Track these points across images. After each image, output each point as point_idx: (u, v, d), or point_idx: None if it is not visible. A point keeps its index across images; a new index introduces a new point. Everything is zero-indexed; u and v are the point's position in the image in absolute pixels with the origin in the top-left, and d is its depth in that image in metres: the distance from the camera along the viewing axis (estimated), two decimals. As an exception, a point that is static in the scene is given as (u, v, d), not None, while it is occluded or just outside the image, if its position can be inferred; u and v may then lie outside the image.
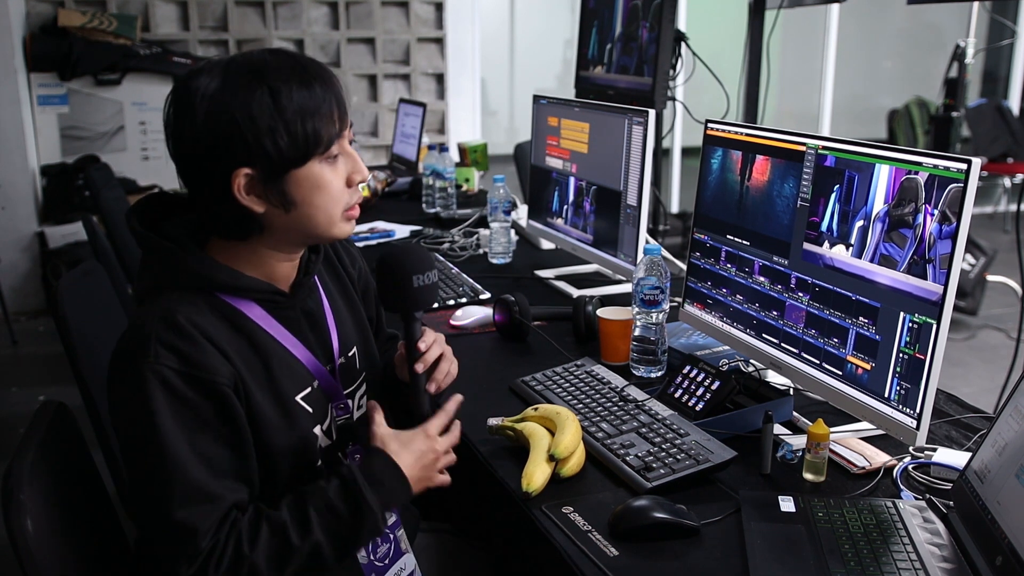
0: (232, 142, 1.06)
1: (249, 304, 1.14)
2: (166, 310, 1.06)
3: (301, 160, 1.09)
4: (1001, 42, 7.14)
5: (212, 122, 1.05)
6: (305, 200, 1.11)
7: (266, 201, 1.10)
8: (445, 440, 1.22)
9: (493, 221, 2.48)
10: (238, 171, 1.07)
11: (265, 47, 1.16)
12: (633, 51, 2.66)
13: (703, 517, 1.19)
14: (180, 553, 1.02)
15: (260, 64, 1.08)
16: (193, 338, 1.05)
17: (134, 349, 1.04)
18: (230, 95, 1.05)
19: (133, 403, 1.03)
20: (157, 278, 1.11)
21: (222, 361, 1.07)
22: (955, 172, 1.17)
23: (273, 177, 1.09)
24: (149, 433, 1.02)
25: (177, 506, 1.02)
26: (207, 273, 1.11)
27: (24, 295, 4.60)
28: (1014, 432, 1.08)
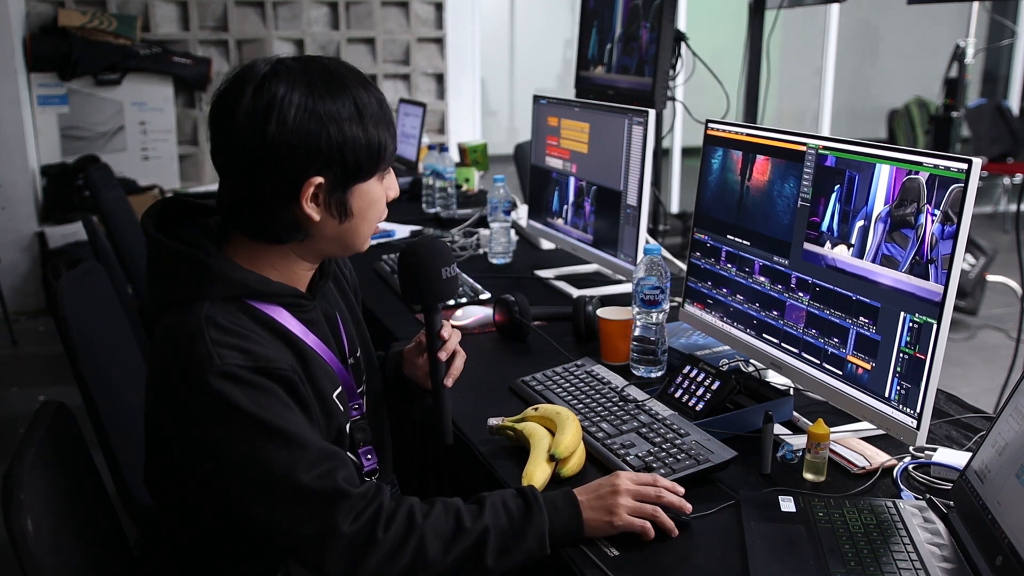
0: (317, 150, 1.07)
1: (276, 308, 1.14)
2: (207, 317, 1.05)
3: (370, 173, 1.13)
4: (1001, 42, 7.14)
5: (302, 128, 1.06)
6: (360, 213, 1.14)
7: (325, 210, 1.12)
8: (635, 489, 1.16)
9: (493, 221, 2.48)
10: (312, 179, 1.08)
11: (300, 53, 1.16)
12: (634, 51, 2.66)
13: (703, 517, 1.19)
14: (336, 513, 1.02)
15: (337, 71, 1.10)
16: (246, 335, 1.06)
17: (194, 360, 1.02)
18: (321, 103, 1.07)
19: (214, 410, 1.02)
20: (185, 289, 1.09)
21: (279, 352, 1.09)
22: (955, 172, 1.17)
23: (341, 188, 1.11)
24: (244, 425, 1.02)
25: (307, 472, 1.02)
26: (239, 279, 1.10)
27: (24, 295, 4.60)
28: (1014, 432, 1.08)
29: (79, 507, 1.17)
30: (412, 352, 1.43)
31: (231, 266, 1.11)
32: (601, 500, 1.15)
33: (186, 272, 1.10)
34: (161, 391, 1.08)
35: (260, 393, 1.03)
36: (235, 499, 1.07)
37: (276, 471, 1.02)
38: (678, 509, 1.17)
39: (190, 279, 1.09)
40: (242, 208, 1.12)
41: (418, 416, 1.47)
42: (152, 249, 1.13)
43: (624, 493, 1.15)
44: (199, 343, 1.03)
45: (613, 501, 1.14)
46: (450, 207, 3.10)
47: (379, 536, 1.03)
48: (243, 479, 1.04)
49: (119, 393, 1.73)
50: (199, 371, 1.01)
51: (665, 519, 1.14)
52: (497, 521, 1.09)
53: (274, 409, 1.04)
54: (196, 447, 1.06)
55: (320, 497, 1.02)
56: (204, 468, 1.07)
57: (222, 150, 1.10)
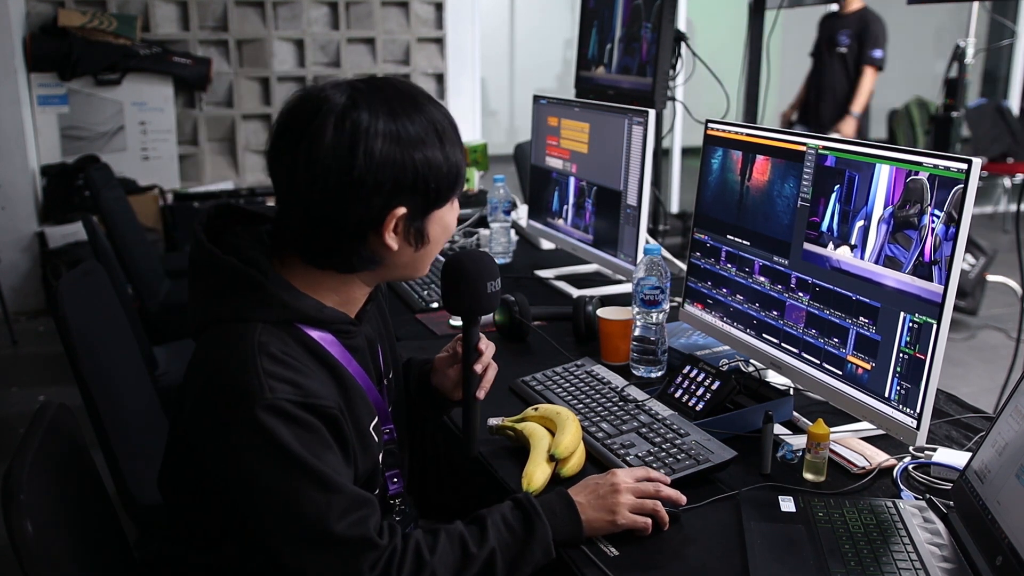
0: (403, 180, 1.05)
1: (325, 335, 1.12)
2: (260, 343, 1.03)
3: (448, 198, 1.12)
4: (1001, 42, 7.14)
5: (388, 160, 1.03)
6: (435, 239, 1.13)
7: (403, 239, 1.10)
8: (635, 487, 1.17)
9: (493, 221, 2.47)
10: (396, 210, 1.06)
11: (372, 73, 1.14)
12: (635, 51, 2.66)
13: (703, 517, 1.19)
14: (361, 562, 1.01)
15: (410, 92, 1.08)
16: (296, 368, 1.04)
17: (244, 389, 1.00)
18: (403, 129, 1.04)
19: (258, 443, 1.00)
20: (238, 308, 1.06)
21: (325, 387, 1.07)
22: (955, 172, 1.17)
23: (421, 216, 1.10)
24: (286, 464, 0.99)
25: (340, 520, 1.01)
26: (295, 306, 1.07)
27: (24, 295, 4.59)
28: (1014, 432, 1.08)
29: (79, 507, 1.17)
30: (444, 362, 1.39)
31: (288, 290, 1.08)
32: (601, 500, 1.15)
33: (240, 291, 1.06)
34: (204, 412, 1.05)
35: (305, 432, 1.01)
36: (264, 534, 1.05)
37: (310, 515, 1.00)
38: (675, 501, 1.18)
39: (244, 299, 1.06)
40: (316, 237, 1.08)
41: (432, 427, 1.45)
42: (201, 260, 1.09)
43: (624, 491, 1.15)
44: (251, 372, 1.00)
45: (614, 500, 1.14)
46: (450, 207, 3.09)
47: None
48: (276, 517, 1.03)
49: (119, 393, 1.73)
50: (248, 401, 0.99)
51: (663, 514, 1.15)
52: (501, 540, 1.09)
53: (316, 450, 1.02)
54: (232, 475, 1.04)
55: (350, 546, 1.02)
56: (236, 497, 1.05)
57: (299, 183, 1.05)
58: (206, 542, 1.16)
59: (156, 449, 1.28)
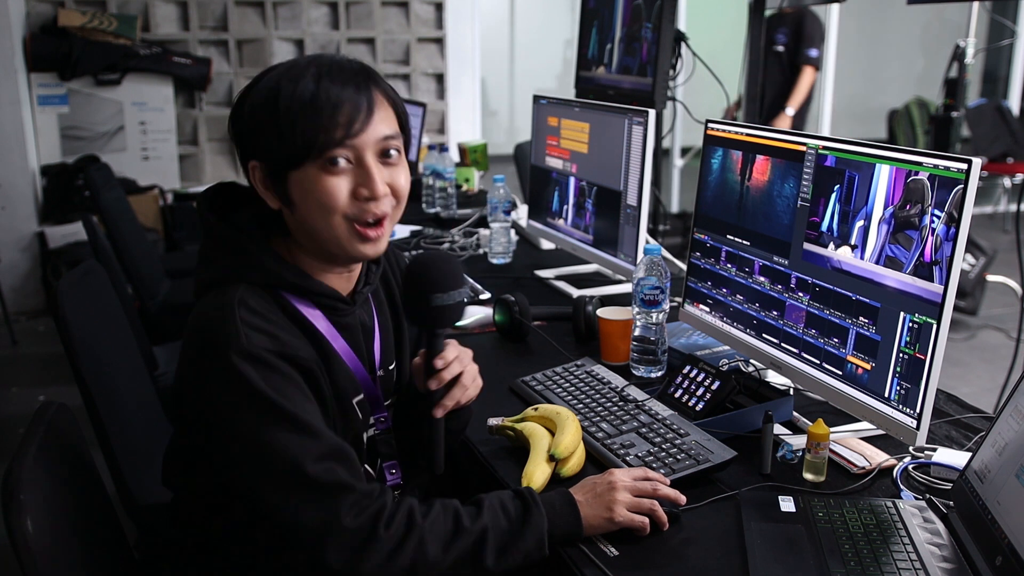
0: (242, 136, 1.13)
1: (311, 309, 1.15)
2: (240, 299, 1.07)
3: (293, 161, 1.09)
4: (1001, 42, 7.14)
5: (242, 117, 1.12)
6: (302, 202, 1.11)
7: (275, 196, 1.13)
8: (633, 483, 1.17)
9: (493, 221, 2.48)
10: (251, 163, 1.13)
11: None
12: (636, 51, 2.66)
13: (703, 517, 1.19)
14: (339, 506, 1.03)
15: (293, 63, 1.13)
16: (274, 322, 1.08)
17: (221, 336, 1.04)
18: (260, 92, 1.11)
19: (232, 388, 1.03)
20: (225, 270, 1.11)
21: (302, 347, 1.10)
22: (955, 172, 1.17)
23: (275, 174, 1.12)
24: (258, 407, 1.03)
25: (315, 463, 1.03)
26: (276, 270, 1.12)
27: (24, 295, 4.60)
28: (1014, 432, 1.08)
29: (79, 507, 1.17)
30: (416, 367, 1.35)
31: (271, 256, 1.13)
32: (599, 498, 1.15)
33: (228, 256, 1.13)
34: (186, 364, 1.10)
35: (279, 377, 1.05)
36: (244, 480, 1.07)
37: (285, 457, 1.03)
38: (673, 500, 1.18)
39: (230, 262, 1.12)
40: None
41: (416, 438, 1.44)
42: (203, 231, 1.16)
43: (621, 489, 1.15)
44: (228, 320, 1.05)
45: (611, 497, 1.14)
46: (450, 207, 3.10)
47: (380, 533, 1.03)
48: (252, 461, 1.05)
49: (119, 393, 1.73)
50: (224, 347, 1.03)
51: (662, 514, 1.15)
52: (496, 521, 1.09)
53: (291, 396, 1.05)
54: (212, 422, 1.07)
55: (325, 488, 1.03)
56: (217, 446, 1.08)
57: None
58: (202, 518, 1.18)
59: (156, 449, 1.29)
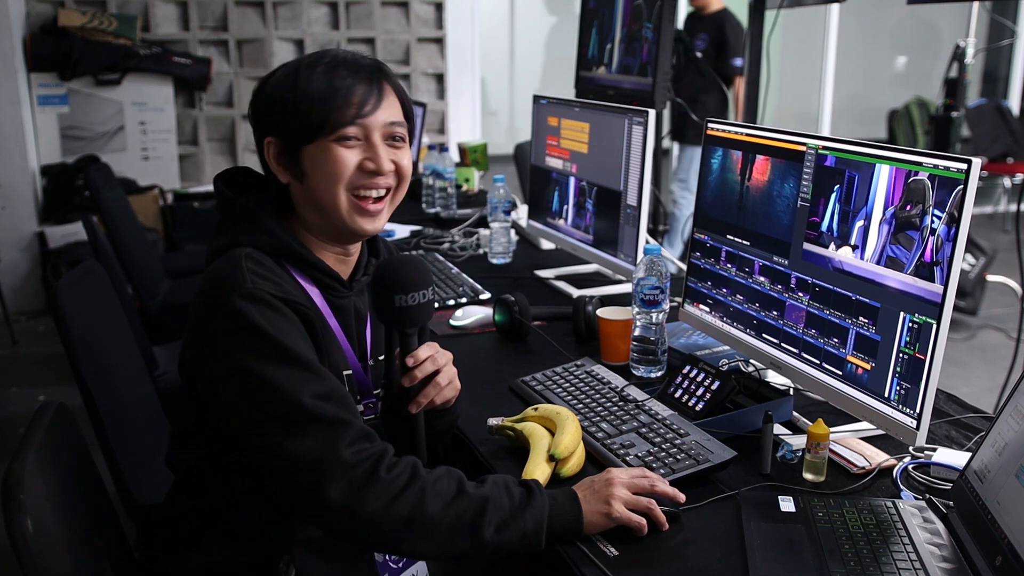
0: (264, 113, 1.22)
1: (310, 285, 1.21)
2: (247, 254, 1.14)
3: (309, 136, 1.18)
4: (1001, 42, 7.14)
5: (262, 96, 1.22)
6: (312, 172, 1.20)
7: (286, 170, 1.21)
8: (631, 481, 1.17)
9: (493, 221, 2.48)
10: (267, 138, 1.21)
11: None
12: (636, 51, 2.66)
13: (703, 517, 1.19)
14: (339, 439, 1.05)
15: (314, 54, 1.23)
16: (280, 275, 1.16)
17: (227, 282, 1.10)
18: (279, 75, 1.21)
19: (234, 325, 1.08)
20: (232, 238, 1.18)
21: (302, 297, 1.17)
22: (955, 172, 1.17)
23: (290, 149, 1.20)
24: (258, 342, 1.07)
25: (314, 399, 1.06)
26: (282, 238, 1.19)
27: (24, 295, 4.60)
28: (1014, 432, 1.08)
29: (79, 507, 1.17)
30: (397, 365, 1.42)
31: (280, 225, 1.20)
32: (597, 494, 1.15)
33: (238, 221, 1.20)
34: (194, 317, 1.14)
35: (281, 317, 1.10)
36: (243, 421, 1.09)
37: (283, 390, 1.06)
38: (672, 498, 1.18)
39: (241, 227, 1.19)
40: None
41: None
42: (217, 203, 1.24)
43: (619, 486, 1.16)
44: (236, 269, 1.12)
45: (609, 493, 1.15)
46: (450, 207, 3.10)
47: (381, 474, 1.05)
48: (251, 397, 1.07)
49: (119, 393, 1.73)
50: (229, 290, 1.09)
51: (659, 513, 1.15)
52: (498, 496, 1.10)
53: (290, 334, 1.09)
54: (213, 363, 1.10)
55: (323, 421, 1.05)
56: (218, 388, 1.11)
57: None
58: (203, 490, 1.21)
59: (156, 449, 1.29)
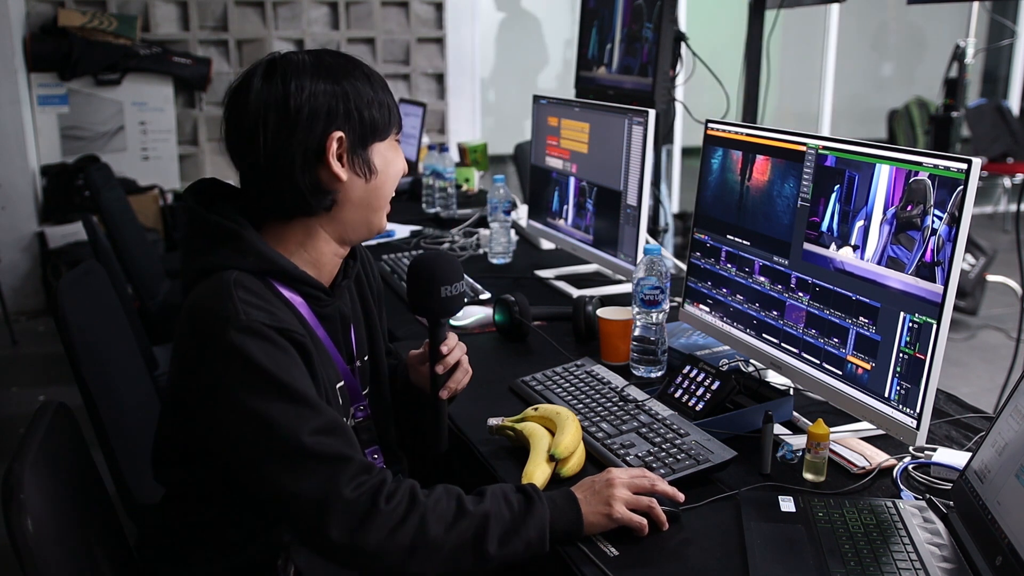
0: (335, 107, 1.14)
1: (295, 297, 1.18)
2: (236, 280, 1.09)
3: (385, 132, 1.19)
4: (1001, 42, 7.14)
5: (318, 89, 1.13)
6: (383, 171, 1.20)
7: (350, 168, 1.17)
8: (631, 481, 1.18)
9: (493, 221, 2.48)
10: (334, 134, 1.14)
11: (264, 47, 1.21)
12: (637, 51, 2.66)
13: (703, 517, 1.19)
14: (339, 478, 1.03)
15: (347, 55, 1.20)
16: (270, 301, 1.11)
17: (220, 314, 1.06)
18: (335, 72, 1.15)
19: (232, 362, 1.04)
20: (216, 260, 1.13)
21: (295, 323, 1.12)
22: (955, 172, 1.17)
23: (362, 144, 1.17)
24: (256, 379, 1.04)
25: (313, 435, 1.04)
26: (269, 255, 1.15)
27: (24, 295, 4.59)
28: (1014, 432, 1.08)
29: (79, 507, 1.17)
30: (416, 358, 1.45)
31: (263, 243, 1.16)
32: (597, 495, 1.15)
33: (220, 243, 1.14)
34: (185, 347, 1.10)
35: (278, 351, 1.06)
36: (243, 458, 1.07)
37: (283, 428, 1.03)
38: (672, 497, 1.18)
39: (223, 249, 1.14)
40: (272, 185, 1.16)
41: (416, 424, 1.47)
42: (191, 221, 1.17)
43: (619, 486, 1.16)
44: (226, 299, 1.07)
45: (609, 494, 1.15)
46: (450, 207, 3.10)
47: (381, 507, 1.04)
48: (251, 435, 1.05)
49: (119, 393, 1.73)
50: (223, 323, 1.05)
51: (660, 512, 1.15)
52: (499, 509, 1.10)
53: (289, 368, 1.06)
54: (210, 400, 1.08)
55: (324, 459, 1.04)
56: (215, 423, 1.08)
57: (242, 131, 1.14)
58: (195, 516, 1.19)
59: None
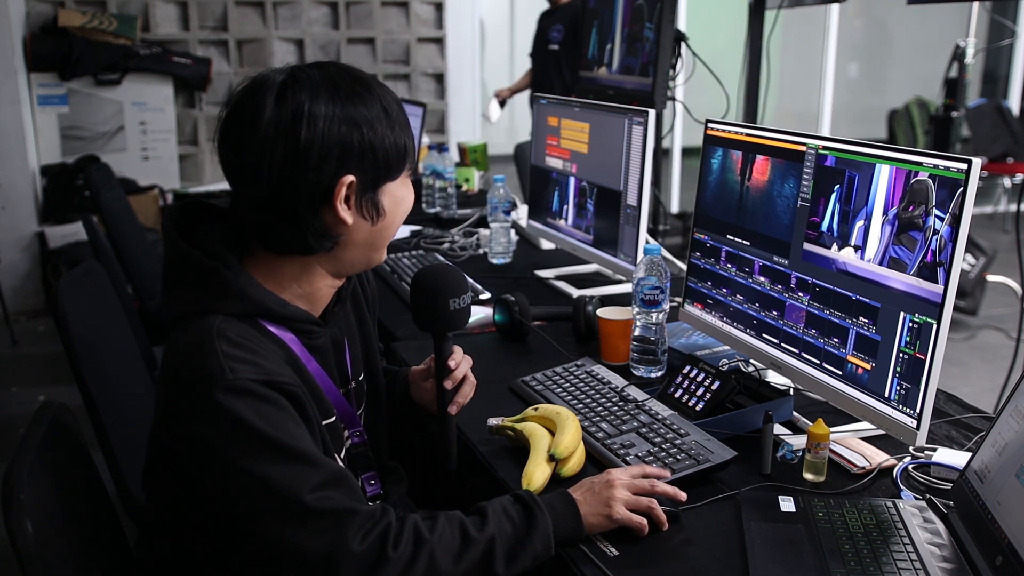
0: (349, 149, 1.06)
1: (286, 332, 1.13)
2: (219, 331, 1.03)
3: (398, 172, 1.13)
4: (1001, 42, 7.14)
5: (333, 129, 1.05)
6: (391, 212, 1.14)
7: (357, 212, 1.10)
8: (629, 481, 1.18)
9: (493, 221, 2.48)
10: (344, 178, 1.07)
11: None
12: (638, 51, 2.66)
13: (703, 517, 1.19)
14: (345, 533, 1.01)
15: (361, 76, 1.11)
16: (256, 351, 1.04)
17: (204, 372, 1.00)
18: (353, 101, 1.07)
19: (223, 424, 1.00)
20: (201, 301, 1.07)
21: (286, 369, 1.07)
22: (955, 172, 1.17)
23: (372, 187, 1.11)
24: (250, 440, 0.99)
25: (314, 492, 1.00)
26: (257, 299, 1.09)
27: (24, 295, 4.60)
28: (1014, 432, 1.08)
29: (79, 507, 1.17)
30: (419, 375, 1.43)
31: (250, 283, 1.09)
32: (597, 496, 1.15)
33: (204, 284, 1.08)
34: (169, 403, 1.06)
35: (270, 407, 1.01)
36: (243, 517, 1.04)
37: (283, 489, 1.00)
38: (672, 497, 1.17)
39: (207, 292, 1.07)
40: (271, 219, 1.09)
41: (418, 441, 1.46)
42: (172, 255, 1.11)
43: (619, 487, 1.15)
44: (210, 355, 1.01)
45: (609, 495, 1.14)
46: (450, 207, 3.10)
47: (390, 554, 1.02)
48: (250, 497, 1.02)
49: (119, 393, 1.73)
50: (208, 383, 1.00)
51: (660, 513, 1.15)
52: (502, 528, 1.09)
53: (282, 425, 1.02)
54: (203, 462, 1.03)
55: (329, 516, 1.01)
56: (210, 484, 1.05)
57: (245, 158, 1.06)
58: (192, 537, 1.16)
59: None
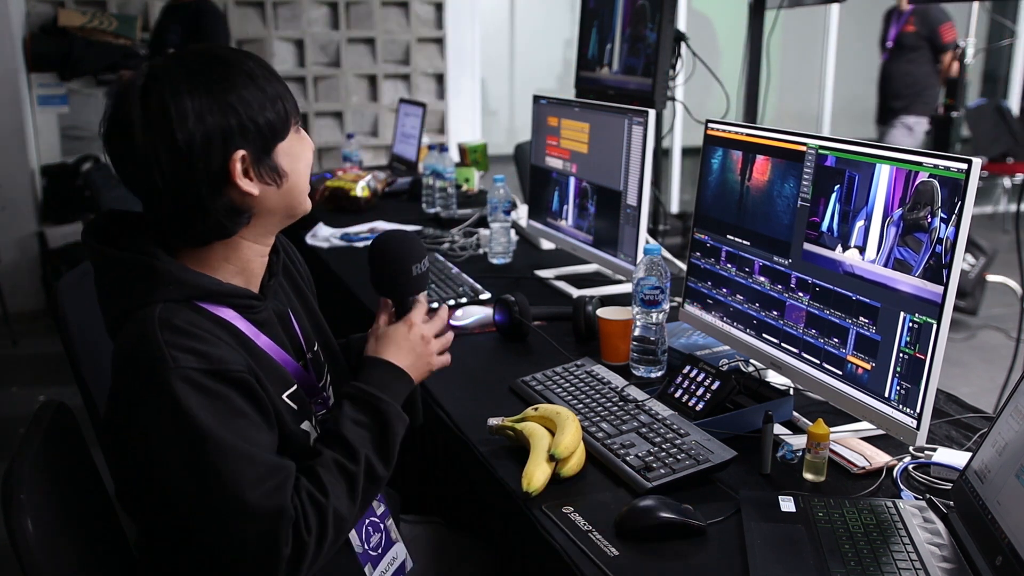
0: (228, 128, 1.07)
1: (226, 310, 1.13)
2: (160, 320, 1.04)
3: (285, 130, 1.13)
4: (1001, 42, 7.14)
5: (204, 112, 1.05)
6: (293, 170, 1.15)
7: (260, 181, 1.11)
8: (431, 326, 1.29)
9: (493, 221, 2.47)
10: (235, 155, 1.08)
11: None
12: (640, 52, 2.66)
13: (705, 517, 1.19)
14: (278, 535, 1.02)
15: (218, 53, 1.11)
16: (202, 337, 1.05)
17: (147, 363, 1.01)
18: (214, 83, 1.07)
19: (166, 414, 1.00)
20: (137, 296, 1.07)
21: (233, 353, 1.07)
22: (955, 172, 1.17)
23: (266, 152, 1.11)
24: (195, 436, 1.00)
25: (254, 489, 1.01)
26: (191, 280, 1.09)
27: (24, 295, 4.59)
28: (1014, 432, 1.08)
29: (79, 507, 1.17)
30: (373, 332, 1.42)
31: (183, 269, 1.10)
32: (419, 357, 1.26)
33: (135, 279, 1.08)
34: (117, 395, 1.07)
35: (214, 400, 1.02)
36: (185, 514, 1.06)
37: (222, 484, 1.00)
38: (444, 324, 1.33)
39: (140, 285, 1.07)
40: (181, 217, 1.09)
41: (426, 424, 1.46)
42: (97, 263, 1.11)
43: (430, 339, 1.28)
44: (152, 345, 1.01)
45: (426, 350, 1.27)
46: (450, 207, 3.10)
47: (305, 539, 1.04)
48: (189, 491, 1.02)
49: (119, 393, 1.73)
50: (151, 374, 1.00)
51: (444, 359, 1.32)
52: (364, 440, 1.13)
53: (226, 419, 1.02)
54: (147, 454, 1.05)
55: (266, 517, 1.02)
56: (154, 476, 1.06)
57: (134, 174, 1.08)
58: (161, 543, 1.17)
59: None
